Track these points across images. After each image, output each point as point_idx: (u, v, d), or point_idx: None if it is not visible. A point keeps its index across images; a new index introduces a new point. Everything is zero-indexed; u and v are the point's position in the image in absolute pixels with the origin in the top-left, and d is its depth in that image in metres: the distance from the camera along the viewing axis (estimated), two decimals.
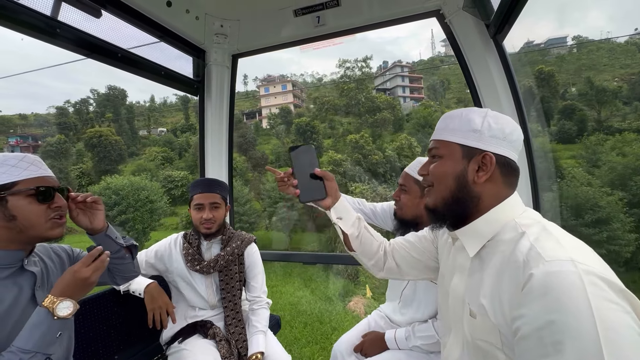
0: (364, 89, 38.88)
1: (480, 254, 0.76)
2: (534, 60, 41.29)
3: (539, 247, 0.63)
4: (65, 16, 1.31)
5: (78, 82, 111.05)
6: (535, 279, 0.59)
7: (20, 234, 0.89)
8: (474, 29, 1.57)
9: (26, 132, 48.18)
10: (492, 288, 0.69)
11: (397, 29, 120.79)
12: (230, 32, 2.01)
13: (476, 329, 0.72)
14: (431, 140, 0.86)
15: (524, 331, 0.59)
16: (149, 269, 1.58)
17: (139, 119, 52.18)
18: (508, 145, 0.76)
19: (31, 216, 0.88)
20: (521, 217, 0.73)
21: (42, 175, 0.92)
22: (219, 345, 1.46)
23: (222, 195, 1.56)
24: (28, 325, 0.80)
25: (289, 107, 46.09)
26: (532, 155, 1.63)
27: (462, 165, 0.77)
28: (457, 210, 0.79)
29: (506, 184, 0.77)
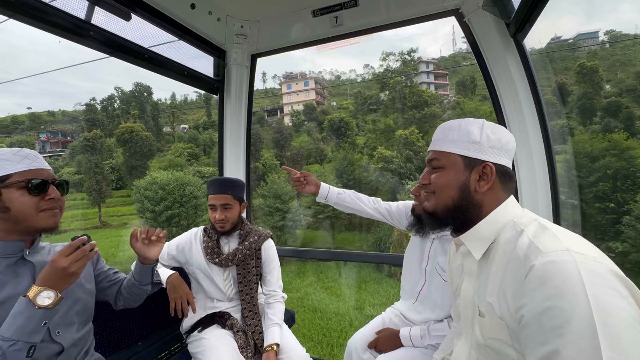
0: (411, 83, 36.70)
1: (485, 255, 0.79)
2: (563, 57, 39.32)
3: (537, 241, 0.66)
4: (97, 19, 1.40)
5: (100, 81, 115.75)
6: (535, 269, 0.62)
7: (16, 225, 0.91)
8: (493, 27, 1.55)
9: (56, 129, 50.47)
10: (497, 285, 0.72)
11: (413, 26, 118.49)
12: (250, 32, 2.06)
13: (486, 328, 0.74)
14: (430, 150, 0.90)
15: (526, 319, 0.62)
16: (170, 260, 1.65)
17: (162, 116, 53.55)
18: (505, 154, 0.81)
19: (23, 207, 0.90)
20: (519, 217, 0.77)
21: (35, 168, 0.94)
22: (237, 335, 1.51)
23: (234, 195, 1.59)
24: (10, 314, 0.82)
25: (313, 104, 45.82)
26: (552, 157, 1.59)
27: (464, 175, 0.81)
28: (460, 217, 0.82)
29: (504, 189, 0.81)
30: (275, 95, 58.43)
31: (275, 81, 66.91)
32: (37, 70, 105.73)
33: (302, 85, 51.04)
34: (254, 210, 27.64)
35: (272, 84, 68.79)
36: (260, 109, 51.49)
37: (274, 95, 59.11)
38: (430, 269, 1.43)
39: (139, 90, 49.84)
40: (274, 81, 67.84)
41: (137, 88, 49.66)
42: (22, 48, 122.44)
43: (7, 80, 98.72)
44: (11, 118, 53.40)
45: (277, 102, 55.17)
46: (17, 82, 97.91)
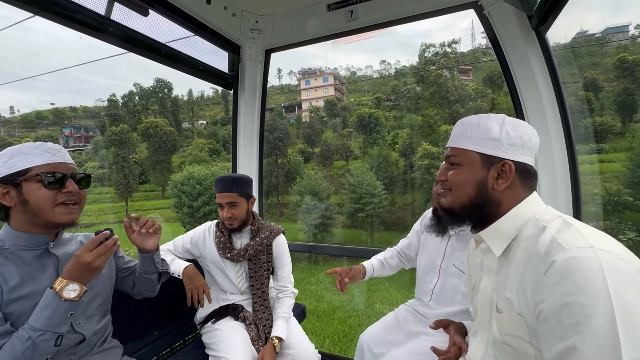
0: (454, 76, 34.63)
1: (505, 252, 0.78)
2: (590, 52, 37.49)
3: (560, 238, 0.65)
4: (116, 15, 1.43)
5: (117, 77, 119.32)
6: (556, 265, 0.61)
7: (35, 218, 0.92)
8: (514, 20, 1.50)
9: (79, 124, 51.92)
10: (516, 281, 0.71)
11: (428, 21, 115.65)
12: (264, 27, 2.06)
13: (503, 324, 0.73)
14: (448, 147, 0.88)
15: (544, 314, 0.61)
16: (185, 253, 1.68)
17: (180, 112, 54.29)
18: (526, 151, 0.79)
19: (39, 201, 0.91)
20: (541, 214, 0.75)
21: (54, 162, 0.94)
22: (249, 328, 1.54)
23: (240, 192, 1.58)
24: (38, 306, 0.85)
25: (334, 100, 44.40)
26: (573, 154, 1.53)
27: (482, 173, 0.79)
28: (476, 214, 0.81)
29: (525, 188, 0.79)
30: (292, 91, 58.24)
31: (291, 77, 66.89)
32: (57, 67, 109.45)
33: (321, 81, 50.47)
34: (288, 207, 27.26)
35: (287, 80, 68.86)
36: (277, 105, 51.37)
37: (289, 91, 59.04)
38: (446, 266, 1.42)
39: (159, 86, 50.54)
40: (290, 77, 67.84)
41: (157, 84, 50.44)
42: (43, 46, 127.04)
43: (29, 76, 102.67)
44: (35, 113, 55.39)
45: (293, 99, 54.96)
46: (39, 79, 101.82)
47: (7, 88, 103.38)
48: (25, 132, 48.33)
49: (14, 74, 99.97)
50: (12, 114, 59.47)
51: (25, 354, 0.79)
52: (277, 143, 32.46)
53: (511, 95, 1.66)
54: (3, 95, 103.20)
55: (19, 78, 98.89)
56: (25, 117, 55.00)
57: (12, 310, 0.87)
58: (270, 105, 51.78)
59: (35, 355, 0.81)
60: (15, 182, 0.90)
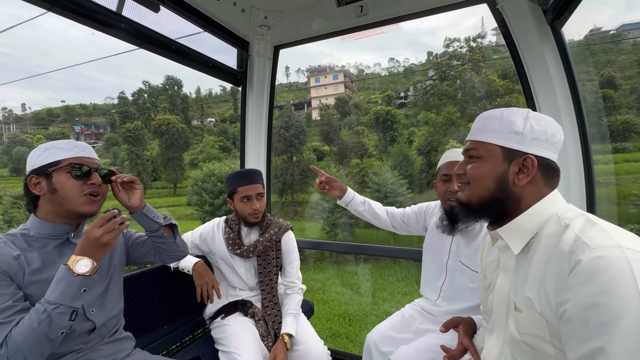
0: (480, 71, 32.79)
1: (524, 250, 0.76)
2: (605, 49, 36.33)
3: (585, 236, 0.63)
4: (127, 11, 1.43)
5: (124, 75, 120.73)
6: (582, 265, 0.59)
7: (61, 207, 0.99)
8: (529, 14, 1.47)
9: (90, 121, 52.30)
10: (537, 280, 0.69)
11: (434, 19, 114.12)
12: (273, 23, 2.05)
13: (523, 323, 0.72)
14: (467, 140, 0.86)
15: (569, 314, 0.60)
16: (194, 249, 1.69)
17: (189, 109, 54.21)
18: (549, 147, 0.77)
19: (67, 190, 0.98)
20: (563, 211, 0.73)
21: (82, 156, 1.02)
22: (258, 324, 1.54)
23: (263, 184, 1.63)
24: (53, 281, 0.89)
25: (346, 97, 43.73)
26: (588, 152, 1.50)
27: (502, 167, 0.77)
28: (495, 210, 0.79)
29: (547, 184, 0.77)
30: (300, 89, 57.87)
31: (299, 75, 66.52)
32: (67, 65, 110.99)
33: (331, 79, 49.91)
34: (302, 206, 26.92)
35: (295, 78, 68.68)
36: (287, 102, 50.94)
37: (298, 89, 58.71)
38: (452, 263, 1.41)
39: (169, 84, 50.45)
40: (298, 75, 67.54)
41: (167, 81, 50.40)
42: (53, 44, 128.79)
43: (39, 73, 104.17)
44: (46, 111, 56.14)
45: (302, 96, 54.51)
46: (49, 77, 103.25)
47: (18, 86, 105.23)
48: (37, 129, 48.89)
49: (25, 71, 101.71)
50: (24, 111, 60.24)
51: (42, 326, 0.83)
52: (293, 140, 31.89)
53: (524, 92, 1.63)
54: (14, 93, 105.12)
55: (29, 75, 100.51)
56: (37, 114, 55.81)
57: (31, 292, 0.92)
58: (279, 103, 51.45)
59: (52, 328, 0.84)
60: (46, 173, 0.97)
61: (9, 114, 55.37)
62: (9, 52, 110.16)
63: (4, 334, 0.83)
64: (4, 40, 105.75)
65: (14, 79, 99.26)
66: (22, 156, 36.77)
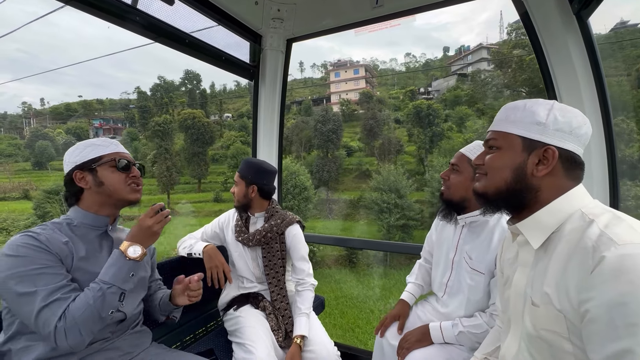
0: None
1: (544, 245, 0.74)
2: (634, 43, 34.03)
3: (610, 232, 0.61)
4: (143, 4, 1.43)
5: (136, 72, 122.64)
6: (607, 262, 0.57)
7: (109, 198, 1.08)
8: (553, 4, 1.41)
9: (109, 116, 52.46)
10: (557, 276, 0.68)
11: (445, 15, 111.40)
12: (286, 16, 2.03)
13: (539, 318, 0.70)
14: (489, 131, 0.84)
15: (593, 314, 0.58)
16: (214, 237, 1.75)
17: (207, 104, 53.70)
18: (574, 139, 0.74)
19: (114, 182, 1.07)
20: (589, 208, 0.71)
21: (119, 151, 1.12)
22: (269, 318, 1.55)
23: (242, 173, 1.65)
24: (106, 264, 0.99)
25: (370, 92, 42.08)
26: (613, 149, 1.44)
27: (521, 157, 0.76)
28: (512, 201, 0.78)
29: (569, 177, 0.74)
30: (316, 84, 57.18)
31: (314, 70, 66.19)
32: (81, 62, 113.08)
33: (352, 73, 48.12)
34: (337, 204, 25.74)
35: (310, 73, 68.34)
36: (306, 98, 50.13)
37: (314, 84, 58.11)
38: (459, 259, 1.37)
39: (188, 78, 49.85)
40: (313, 70, 67.12)
41: (186, 75, 49.81)
42: (68, 40, 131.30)
43: (53, 69, 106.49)
44: (64, 106, 56.98)
45: (318, 92, 53.74)
46: (64, 73, 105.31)
47: (34, 82, 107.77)
48: (56, 124, 49.60)
49: (40, 67, 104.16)
50: (42, 106, 61.21)
51: (97, 303, 0.92)
52: (330, 135, 30.66)
53: (545, 85, 1.57)
54: (30, 89, 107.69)
55: (44, 70, 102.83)
56: (55, 108, 56.59)
57: (76, 277, 0.99)
58: (296, 98, 51.04)
59: (104, 305, 0.93)
60: (90, 168, 1.06)
61: (28, 109, 56.41)
62: (24, 49, 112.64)
63: (63, 308, 0.89)
64: (20, 37, 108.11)
65: (30, 75, 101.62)
66: (45, 150, 37.38)
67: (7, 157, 39.27)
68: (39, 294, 0.87)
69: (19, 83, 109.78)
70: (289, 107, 47.45)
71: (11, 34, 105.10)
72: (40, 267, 0.90)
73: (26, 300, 0.87)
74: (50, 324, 0.87)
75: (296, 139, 34.23)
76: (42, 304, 0.87)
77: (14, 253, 0.89)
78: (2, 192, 30.63)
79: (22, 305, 0.88)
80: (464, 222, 1.35)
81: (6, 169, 36.30)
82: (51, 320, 0.87)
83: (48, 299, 0.88)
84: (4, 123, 53.66)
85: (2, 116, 57.56)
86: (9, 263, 0.89)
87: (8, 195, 30.22)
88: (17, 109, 62.37)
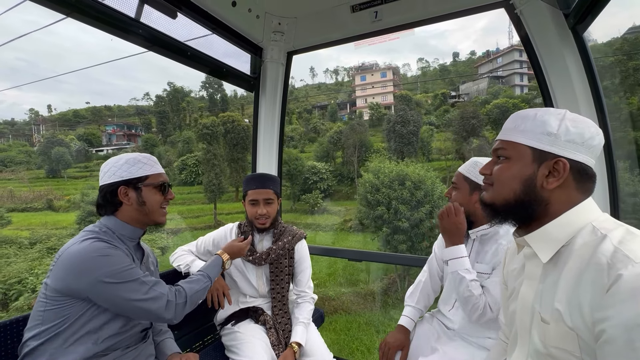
0: None
1: (553, 259, 0.72)
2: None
3: (626, 249, 0.59)
4: (146, 17, 1.45)
5: (135, 79, 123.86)
6: (625, 280, 0.55)
7: (145, 217, 1.13)
8: (549, 19, 1.44)
9: (123, 121, 50.95)
10: (568, 292, 0.66)
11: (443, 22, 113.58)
12: (287, 29, 2.06)
13: (549, 336, 0.68)
14: (497, 140, 0.82)
15: (610, 334, 0.56)
16: (206, 254, 1.68)
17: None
18: (586, 151, 0.72)
19: (154, 203, 1.13)
20: (600, 221, 0.69)
21: (161, 172, 1.17)
22: (269, 332, 1.52)
23: (275, 190, 1.58)
24: (210, 264, 1.27)
25: (409, 95, 38.83)
26: (612, 161, 1.45)
27: (531, 169, 0.73)
28: (520, 213, 0.76)
29: (580, 190, 0.72)
30: (331, 90, 56.74)
31: (327, 76, 66.92)
32: (80, 71, 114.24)
33: (379, 77, 46.73)
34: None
35: (322, 78, 69.62)
36: (332, 102, 49.02)
37: (329, 90, 58.01)
38: None
39: (209, 82, 48.12)
40: (326, 76, 67.65)
41: (207, 79, 48.02)
42: (68, 49, 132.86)
43: (52, 76, 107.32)
44: (72, 112, 56.45)
45: (334, 97, 52.91)
46: (62, 81, 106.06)
47: (34, 90, 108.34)
48: (65, 130, 48.50)
49: (39, 76, 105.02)
50: (50, 112, 60.20)
51: (201, 291, 1.15)
52: (411, 138, 26.29)
53: (543, 97, 1.60)
54: (29, 97, 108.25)
55: (43, 78, 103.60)
56: (63, 115, 55.98)
57: None
58: (319, 102, 50.37)
59: (204, 294, 1.18)
60: (136, 186, 1.10)
61: (35, 115, 55.96)
62: (24, 57, 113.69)
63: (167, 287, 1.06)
64: (20, 46, 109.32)
65: (29, 82, 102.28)
66: (62, 157, 35.60)
67: (18, 165, 37.85)
68: (143, 280, 1.00)
69: (18, 91, 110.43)
70: (310, 111, 47.33)
71: (12, 42, 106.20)
72: (129, 264, 1.01)
73: (132, 287, 0.97)
74: (162, 298, 1.01)
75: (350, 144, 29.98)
76: (151, 285, 1.01)
77: (104, 254, 0.97)
78: (23, 203, 27.95)
79: (128, 291, 0.97)
80: (475, 236, 1.35)
81: (19, 177, 34.52)
82: (163, 295, 1.01)
83: (151, 283, 1.02)
84: (11, 130, 53.19)
85: (10, 123, 56.99)
86: (104, 261, 0.95)
87: (30, 205, 27.71)
88: (24, 115, 61.99)
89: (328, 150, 32.07)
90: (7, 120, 59.04)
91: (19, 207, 27.15)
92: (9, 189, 30.27)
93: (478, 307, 1.21)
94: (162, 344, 1.28)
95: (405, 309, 1.55)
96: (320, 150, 32.48)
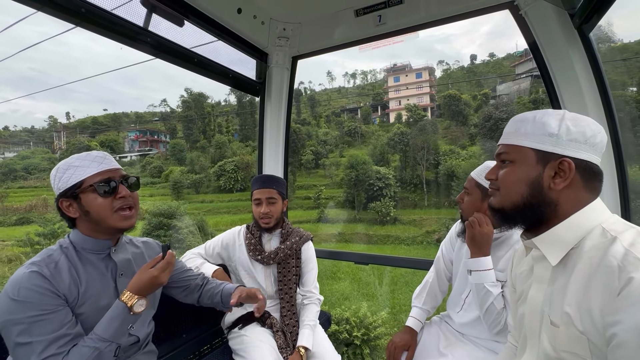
0: None
1: (562, 262, 0.72)
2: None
3: (637, 252, 0.59)
4: (154, 26, 1.48)
5: (144, 88, 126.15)
6: (636, 284, 0.55)
7: (98, 226, 0.97)
8: (554, 19, 1.43)
9: (145, 127, 50.94)
10: (578, 295, 0.65)
11: (447, 27, 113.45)
12: (292, 34, 2.08)
13: (559, 339, 0.67)
14: (499, 144, 0.82)
15: (621, 338, 0.55)
16: (216, 257, 1.71)
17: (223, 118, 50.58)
18: (589, 149, 0.71)
19: (98, 209, 0.94)
20: (609, 223, 0.68)
21: (103, 169, 0.96)
22: (276, 335, 1.52)
23: (279, 190, 1.62)
24: (107, 317, 0.90)
25: (457, 94, 36.31)
26: (622, 161, 1.43)
27: (536, 171, 0.73)
28: (530, 215, 0.75)
29: (588, 189, 0.72)
30: (361, 93, 56.32)
31: (346, 79, 67.07)
32: (91, 80, 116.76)
33: (413, 77, 45.64)
34: None
35: (340, 82, 70.34)
36: (365, 105, 48.49)
37: (352, 93, 57.88)
38: None
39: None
40: (345, 79, 68.31)
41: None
42: (79, 59, 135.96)
43: (63, 84, 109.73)
44: (91, 119, 57.34)
45: (356, 100, 52.69)
46: (73, 90, 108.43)
47: (46, 99, 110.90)
48: (85, 137, 48.73)
49: (51, 85, 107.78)
50: (69, 120, 60.83)
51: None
52: (500, 124, 24.38)
53: (550, 98, 1.58)
54: (43, 106, 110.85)
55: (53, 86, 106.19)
56: (82, 122, 56.71)
57: (82, 311, 0.93)
58: (346, 106, 49.96)
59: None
60: (74, 195, 0.94)
61: (54, 122, 56.49)
62: (37, 67, 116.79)
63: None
64: (31, 56, 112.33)
65: (42, 90, 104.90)
66: None
67: (42, 172, 37.32)
68: (35, 348, 0.82)
69: (32, 100, 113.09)
70: (339, 114, 46.98)
71: (25, 54, 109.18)
72: (40, 313, 0.83)
73: (23, 351, 0.82)
74: None
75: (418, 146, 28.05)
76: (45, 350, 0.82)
77: (15, 297, 0.83)
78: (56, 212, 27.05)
79: (19, 355, 0.83)
80: None
81: (45, 185, 33.10)
82: None
83: (42, 355, 0.82)
84: (31, 137, 54.04)
85: (29, 131, 57.93)
86: (10, 307, 0.83)
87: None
88: (42, 123, 62.80)
89: (383, 153, 29.79)
90: (26, 127, 60.23)
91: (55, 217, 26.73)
92: (43, 197, 29.57)
93: (500, 322, 1.20)
94: (223, 292, 1.28)
95: (412, 310, 1.56)
96: (375, 154, 29.84)
